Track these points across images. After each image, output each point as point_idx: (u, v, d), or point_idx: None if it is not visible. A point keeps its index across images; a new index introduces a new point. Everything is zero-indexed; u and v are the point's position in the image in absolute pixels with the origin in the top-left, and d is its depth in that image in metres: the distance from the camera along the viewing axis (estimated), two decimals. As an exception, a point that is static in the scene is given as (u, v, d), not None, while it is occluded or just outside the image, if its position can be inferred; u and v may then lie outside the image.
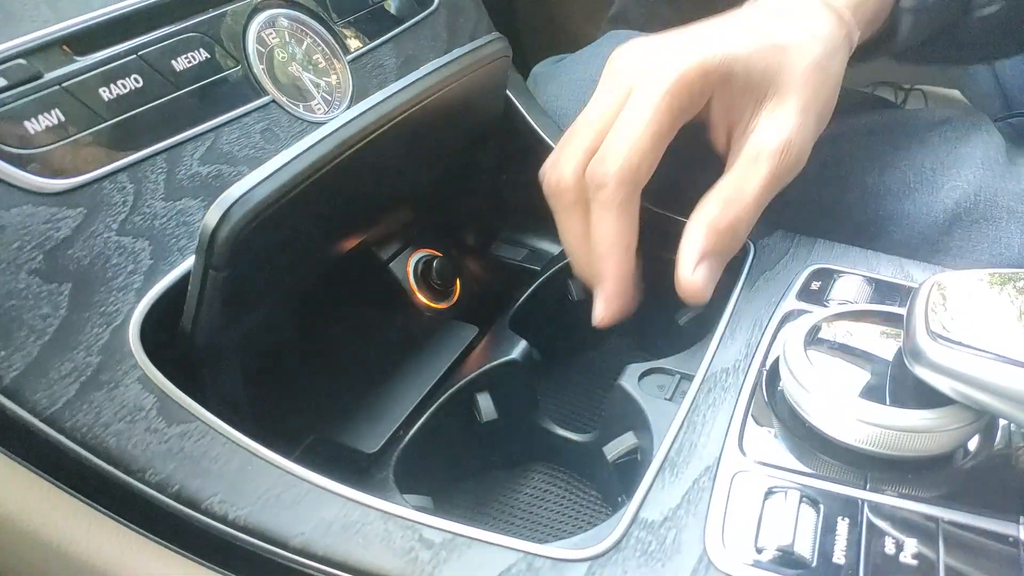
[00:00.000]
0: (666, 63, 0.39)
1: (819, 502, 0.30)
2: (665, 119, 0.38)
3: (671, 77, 0.38)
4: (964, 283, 0.32)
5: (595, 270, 0.40)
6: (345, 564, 0.29)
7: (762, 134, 0.40)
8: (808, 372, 0.32)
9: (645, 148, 0.38)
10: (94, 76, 0.34)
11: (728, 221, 0.39)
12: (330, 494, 0.30)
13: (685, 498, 0.31)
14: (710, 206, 0.39)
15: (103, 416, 0.31)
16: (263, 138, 0.39)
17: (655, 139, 0.38)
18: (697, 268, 0.39)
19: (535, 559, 0.29)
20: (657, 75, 0.39)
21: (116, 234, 0.34)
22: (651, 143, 0.38)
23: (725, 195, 0.39)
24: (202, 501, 0.30)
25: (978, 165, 0.49)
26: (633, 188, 0.39)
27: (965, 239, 0.49)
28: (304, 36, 0.43)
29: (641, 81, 0.39)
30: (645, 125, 0.38)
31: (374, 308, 0.49)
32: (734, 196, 0.39)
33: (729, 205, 0.39)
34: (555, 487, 0.40)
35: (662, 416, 0.35)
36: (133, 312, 0.33)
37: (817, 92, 0.41)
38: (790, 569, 0.28)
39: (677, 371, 0.39)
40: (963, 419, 0.30)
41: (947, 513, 0.29)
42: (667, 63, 0.39)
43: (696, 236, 0.39)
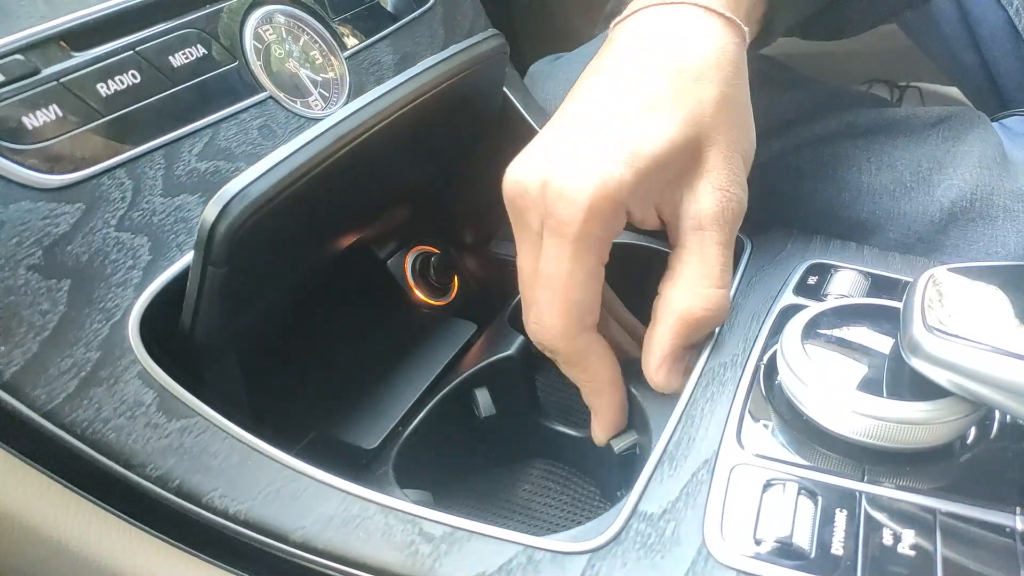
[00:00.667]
0: (568, 197, 0.33)
1: (817, 494, 0.30)
2: (585, 262, 0.34)
3: (577, 218, 0.33)
4: (960, 276, 0.32)
5: (591, 405, 0.38)
6: (346, 558, 0.29)
7: (697, 204, 0.35)
8: (805, 365, 0.32)
9: (574, 299, 0.34)
10: (92, 72, 0.34)
11: (703, 305, 0.35)
12: (330, 488, 0.31)
13: (684, 491, 0.31)
14: (679, 294, 0.35)
15: (103, 411, 0.31)
16: (261, 134, 0.39)
17: (583, 285, 0.34)
18: (661, 367, 0.36)
19: (535, 552, 0.29)
20: (562, 216, 0.33)
21: (115, 230, 0.34)
22: (579, 291, 0.34)
23: (689, 276, 0.35)
24: (202, 496, 0.30)
25: (974, 164, 0.49)
26: (583, 331, 0.35)
27: (961, 238, 0.49)
28: (301, 32, 0.43)
29: (548, 225, 0.34)
30: (565, 280, 0.34)
31: (372, 305, 0.49)
32: (697, 274, 0.35)
33: (697, 287, 0.35)
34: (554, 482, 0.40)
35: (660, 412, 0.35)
36: (132, 308, 0.33)
37: (733, 130, 0.36)
38: (789, 560, 0.28)
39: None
40: (960, 411, 0.30)
41: (944, 504, 0.30)
42: (569, 197, 0.33)
43: (664, 331, 0.35)
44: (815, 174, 0.51)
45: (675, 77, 0.35)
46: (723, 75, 0.36)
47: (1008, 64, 0.67)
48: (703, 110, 0.35)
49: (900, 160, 0.51)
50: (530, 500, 0.39)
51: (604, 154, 0.34)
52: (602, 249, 0.34)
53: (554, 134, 0.36)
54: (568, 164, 0.34)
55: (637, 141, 0.34)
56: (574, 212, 0.33)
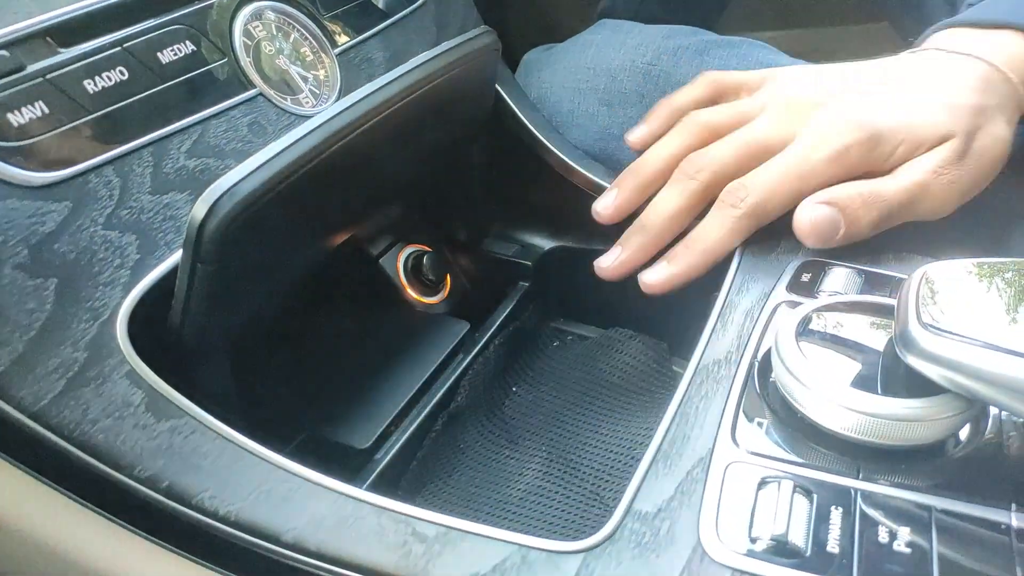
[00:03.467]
0: (844, 118, 0.41)
1: (812, 492, 0.30)
2: (827, 173, 0.41)
3: (844, 140, 0.41)
4: (953, 272, 0.32)
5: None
6: (338, 559, 0.29)
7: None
8: (800, 363, 0.32)
9: (792, 192, 0.41)
10: (79, 68, 0.34)
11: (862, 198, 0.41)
12: (322, 489, 0.30)
13: (679, 489, 0.31)
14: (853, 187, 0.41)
15: (91, 412, 0.30)
16: (250, 131, 0.39)
17: (807, 186, 0.41)
18: (820, 206, 0.41)
19: (529, 551, 0.29)
20: (830, 130, 0.41)
21: (102, 228, 0.33)
22: (799, 191, 0.41)
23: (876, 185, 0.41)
24: (193, 497, 0.30)
25: None
26: (756, 222, 0.42)
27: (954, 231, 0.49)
28: (291, 29, 0.43)
29: (813, 128, 0.42)
30: (805, 174, 0.41)
31: (364, 303, 0.49)
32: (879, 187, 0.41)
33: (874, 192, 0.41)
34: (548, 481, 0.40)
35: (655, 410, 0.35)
36: (120, 307, 0.33)
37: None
38: (784, 558, 0.28)
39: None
40: (954, 408, 0.30)
41: (940, 501, 0.30)
42: (846, 118, 0.41)
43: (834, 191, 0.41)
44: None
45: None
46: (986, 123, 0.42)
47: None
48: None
49: None
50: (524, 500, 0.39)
51: (888, 112, 0.43)
52: (836, 176, 0.42)
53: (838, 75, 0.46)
54: (850, 101, 0.44)
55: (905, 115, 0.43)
56: (845, 135, 0.41)
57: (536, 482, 0.40)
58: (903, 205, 0.41)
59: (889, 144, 0.41)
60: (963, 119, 0.42)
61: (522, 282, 0.53)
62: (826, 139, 0.41)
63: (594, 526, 0.30)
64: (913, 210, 0.42)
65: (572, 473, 0.40)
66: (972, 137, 0.42)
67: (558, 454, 0.42)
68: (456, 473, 0.42)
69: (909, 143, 0.42)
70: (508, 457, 0.42)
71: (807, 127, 0.43)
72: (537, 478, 0.40)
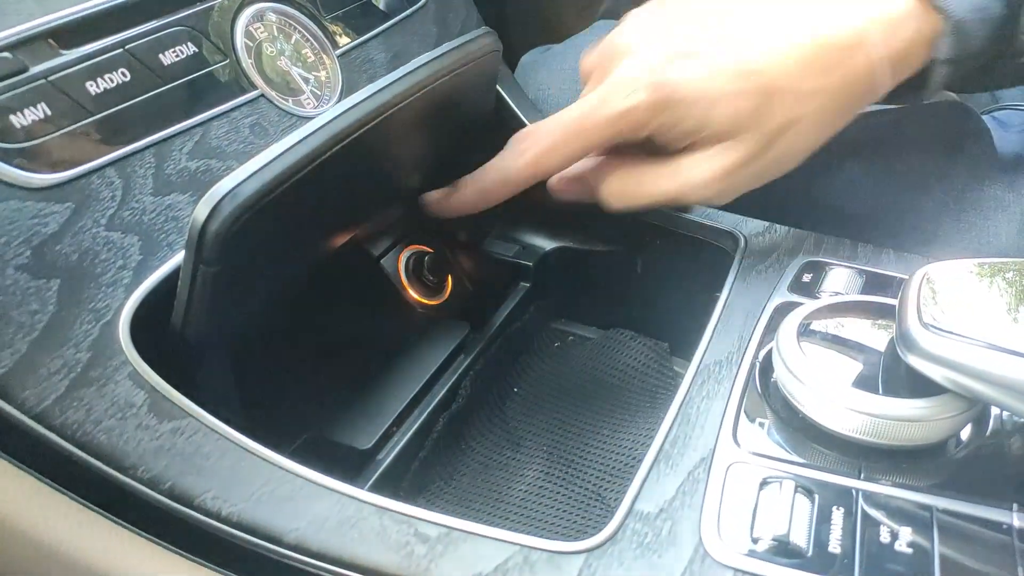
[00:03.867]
0: (642, 75, 0.39)
1: (814, 492, 0.30)
2: (610, 132, 0.40)
3: (631, 101, 0.39)
4: (954, 273, 0.32)
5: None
6: (340, 560, 0.29)
7: (700, 160, 0.40)
8: (801, 363, 0.32)
9: (573, 149, 0.41)
10: (81, 70, 0.34)
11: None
12: (324, 489, 0.30)
13: (680, 490, 0.31)
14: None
15: (94, 413, 0.30)
16: (252, 133, 0.39)
17: (589, 143, 0.41)
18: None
19: (531, 552, 0.29)
20: (623, 88, 0.39)
21: (104, 229, 0.33)
22: (582, 148, 0.41)
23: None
24: (195, 498, 0.30)
25: (967, 156, 0.49)
26: (538, 173, 0.42)
27: (954, 230, 0.49)
28: (293, 31, 0.43)
29: (609, 82, 0.40)
30: (587, 130, 0.40)
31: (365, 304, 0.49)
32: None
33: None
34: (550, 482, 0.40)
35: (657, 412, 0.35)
36: (123, 308, 0.33)
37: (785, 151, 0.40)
38: (786, 559, 0.28)
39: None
40: (956, 408, 0.30)
41: (941, 502, 0.30)
42: (643, 76, 0.39)
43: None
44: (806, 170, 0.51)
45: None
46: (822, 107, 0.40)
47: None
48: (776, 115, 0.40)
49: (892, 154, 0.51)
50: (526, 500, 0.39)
51: (684, 65, 0.40)
52: (630, 132, 0.41)
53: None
54: (663, 53, 0.41)
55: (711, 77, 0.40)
56: (637, 93, 0.40)
57: (538, 483, 0.40)
58: (672, 198, 0.41)
59: (676, 117, 0.39)
60: (774, 117, 0.39)
61: (523, 283, 0.53)
62: (614, 96, 0.39)
63: (596, 527, 0.30)
64: (684, 200, 0.41)
65: (574, 473, 0.40)
66: (774, 140, 0.39)
67: (560, 455, 0.42)
68: (458, 474, 0.42)
69: (698, 124, 0.39)
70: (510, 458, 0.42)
71: (609, 77, 0.40)
72: (539, 478, 0.40)
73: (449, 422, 0.44)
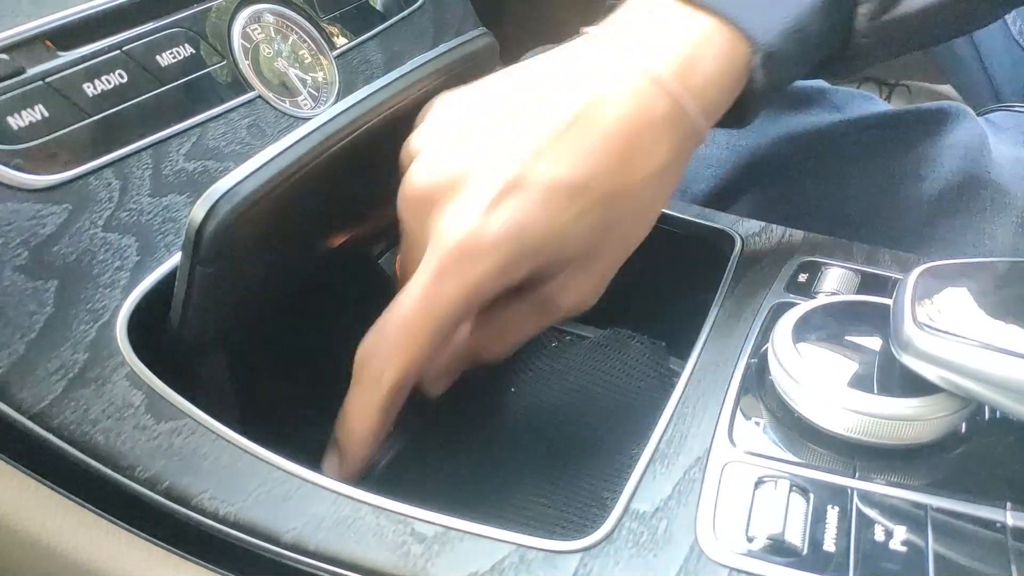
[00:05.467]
0: (482, 236, 0.32)
1: (809, 491, 0.30)
2: (460, 313, 0.34)
3: (480, 272, 0.33)
4: (949, 273, 0.32)
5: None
6: (337, 559, 0.29)
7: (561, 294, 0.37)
8: (797, 363, 0.32)
9: (429, 349, 0.34)
10: (78, 71, 0.34)
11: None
12: (321, 489, 0.30)
13: (676, 489, 0.31)
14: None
15: (91, 413, 0.30)
16: (249, 134, 0.39)
17: (440, 335, 0.34)
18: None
19: (527, 551, 0.29)
20: (446, 260, 0.33)
21: (102, 230, 0.33)
22: (433, 344, 0.34)
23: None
24: (192, 498, 0.30)
25: (960, 157, 0.50)
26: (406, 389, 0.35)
27: (949, 230, 0.49)
28: (290, 32, 0.43)
29: (444, 245, 0.33)
30: (439, 321, 0.34)
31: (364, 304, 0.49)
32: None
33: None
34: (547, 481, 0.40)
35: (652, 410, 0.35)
36: (120, 309, 0.33)
37: (620, 248, 0.38)
38: (781, 557, 0.28)
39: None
40: (950, 407, 0.30)
41: (935, 500, 0.30)
42: (482, 233, 0.32)
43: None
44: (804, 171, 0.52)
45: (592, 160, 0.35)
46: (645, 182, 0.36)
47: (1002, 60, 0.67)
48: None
49: (888, 155, 0.51)
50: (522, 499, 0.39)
51: (502, 226, 0.35)
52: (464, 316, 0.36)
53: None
54: (466, 213, 0.35)
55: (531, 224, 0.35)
56: (457, 289, 0.34)
57: (534, 482, 0.40)
58: (553, 324, 0.39)
59: (527, 265, 0.34)
60: (622, 217, 0.35)
61: None
62: (454, 273, 0.33)
63: (592, 526, 0.30)
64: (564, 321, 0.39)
65: (570, 473, 0.40)
66: (628, 237, 0.37)
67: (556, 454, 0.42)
68: (454, 473, 0.42)
69: (552, 260, 0.35)
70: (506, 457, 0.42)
71: (437, 240, 0.33)
72: (535, 478, 0.40)
73: (446, 421, 0.44)
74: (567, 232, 0.34)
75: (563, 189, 0.33)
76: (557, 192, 0.33)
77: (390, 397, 0.34)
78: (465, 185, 0.33)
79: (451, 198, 0.33)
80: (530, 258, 0.34)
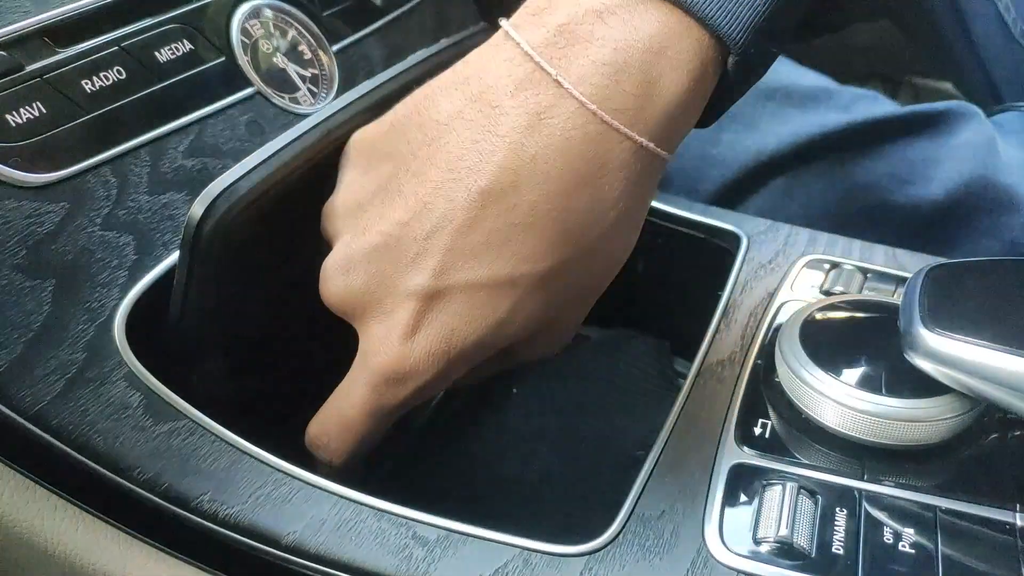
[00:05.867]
0: (429, 343, 0.30)
1: (817, 493, 0.30)
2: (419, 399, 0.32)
3: (433, 373, 0.31)
4: (958, 272, 0.32)
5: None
6: (338, 562, 0.28)
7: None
8: (804, 363, 0.32)
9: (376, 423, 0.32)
10: (76, 68, 0.34)
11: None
12: (322, 492, 0.30)
13: (682, 491, 0.30)
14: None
15: (89, 414, 0.30)
16: (248, 130, 0.39)
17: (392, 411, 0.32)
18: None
19: (531, 555, 0.28)
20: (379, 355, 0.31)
21: (100, 229, 0.33)
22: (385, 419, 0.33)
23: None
24: (191, 500, 0.29)
25: (968, 158, 0.49)
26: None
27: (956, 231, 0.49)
28: (289, 27, 0.42)
29: (361, 371, 0.32)
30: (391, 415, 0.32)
31: None
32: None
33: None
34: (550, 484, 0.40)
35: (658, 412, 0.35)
36: (118, 308, 0.32)
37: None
38: (789, 560, 0.28)
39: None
40: (959, 408, 0.30)
41: (944, 502, 0.29)
42: (428, 340, 0.30)
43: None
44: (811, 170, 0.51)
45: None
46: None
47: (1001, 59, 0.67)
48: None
49: (895, 154, 0.50)
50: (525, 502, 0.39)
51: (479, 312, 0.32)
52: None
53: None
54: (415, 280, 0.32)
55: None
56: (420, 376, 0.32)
57: (538, 484, 0.40)
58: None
59: (483, 354, 0.31)
60: (587, 279, 0.32)
61: None
62: (405, 380, 0.31)
63: (597, 529, 0.29)
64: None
65: (574, 475, 0.40)
66: (595, 282, 0.32)
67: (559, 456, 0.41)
68: (456, 476, 0.41)
69: (510, 339, 0.31)
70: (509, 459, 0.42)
71: (374, 332, 0.31)
72: (539, 480, 0.40)
73: (447, 423, 0.44)
74: (503, 329, 0.30)
75: (484, 291, 0.29)
76: (478, 296, 0.29)
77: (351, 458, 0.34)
78: (379, 306, 0.31)
79: (371, 315, 0.31)
80: (470, 359, 0.31)
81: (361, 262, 0.31)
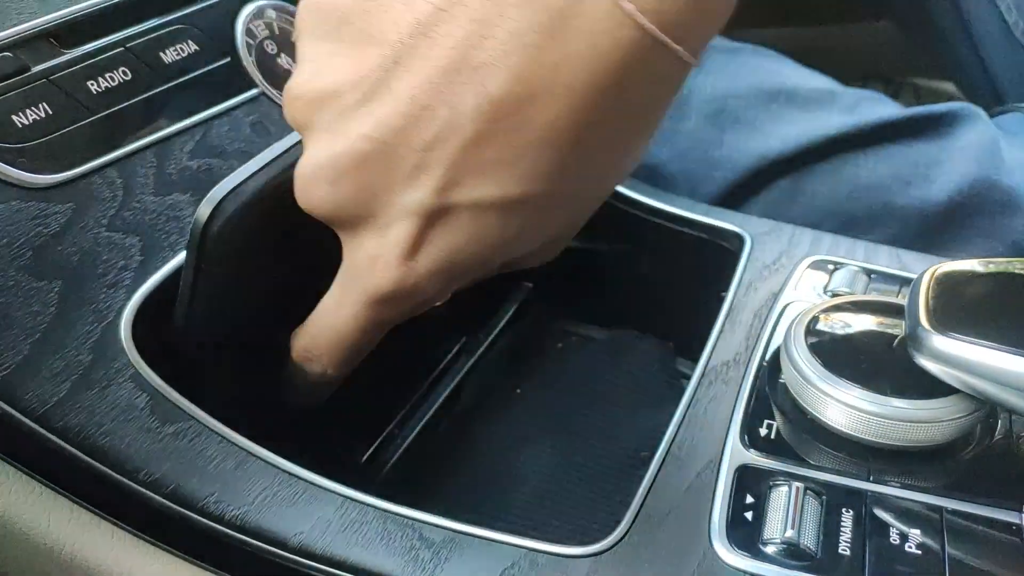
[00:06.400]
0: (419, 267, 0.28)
1: (823, 494, 0.30)
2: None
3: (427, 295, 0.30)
4: (964, 272, 0.32)
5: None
6: (345, 563, 0.28)
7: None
8: (809, 363, 0.32)
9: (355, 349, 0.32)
10: (82, 69, 0.34)
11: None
12: (328, 493, 0.30)
13: (688, 492, 0.30)
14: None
15: (96, 415, 0.30)
16: (254, 131, 0.39)
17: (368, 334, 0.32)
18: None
19: (537, 556, 0.28)
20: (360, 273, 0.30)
21: (106, 230, 0.33)
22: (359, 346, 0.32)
23: None
24: (198, 501, 0.29)
25: (972, 159, 0.49)
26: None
27: (959, 232, 0.49)
28: (293, 27, 0.42)
29: (352, 290, 0.31)
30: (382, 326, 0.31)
31: None
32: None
33: None
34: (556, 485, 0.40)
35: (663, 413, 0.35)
36: (124, 309, 0.32)
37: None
38: (795, 561, 0.28)
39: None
40: (965, 408, 0.30)
41: (950, 503, 0.29)
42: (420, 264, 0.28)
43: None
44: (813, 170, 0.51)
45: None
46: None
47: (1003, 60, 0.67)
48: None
49: (898, 155, 0.50)
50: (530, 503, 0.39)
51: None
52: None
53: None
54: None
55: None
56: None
57: (543, 485, 0.40)
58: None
59: (480, 274, 0.31)
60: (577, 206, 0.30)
61: (525, 282, 0.52)
62: (394, 299, 0.30)
63: (603, 530, 0.29)
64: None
65: (579, 476, 0.40)
66: (587, 203, 0.30)
67: (565, 457, 0.41)
68: (462, 477, 0.41)
69: (504, 258, 0.30)
70: (514, 460, 0.42)
71: (362, 249, 0.30)
72: (544, 481, 0.40)
73: (452, 424, 0.44)
74: (511, 248, 0.29)
75: (492, 210, 0.27)
76: (486, 215, 0.27)
77: (332, 369, 0.34)
78: (372, 219, 0.28)
79: (361, 227, 0.29)
80: (472, 275, 0.30)
81: (348, 171, 0.27)
